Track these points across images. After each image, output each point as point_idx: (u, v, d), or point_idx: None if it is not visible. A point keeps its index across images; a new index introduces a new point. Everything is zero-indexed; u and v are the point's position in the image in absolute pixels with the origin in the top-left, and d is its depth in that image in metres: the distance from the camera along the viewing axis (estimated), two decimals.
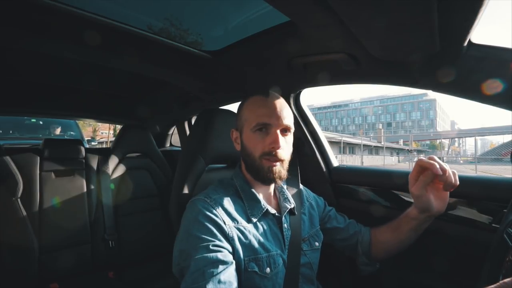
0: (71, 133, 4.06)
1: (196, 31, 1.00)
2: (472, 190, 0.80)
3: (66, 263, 1.38)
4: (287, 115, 0.69)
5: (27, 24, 0.79)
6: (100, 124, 18.90)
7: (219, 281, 0.54)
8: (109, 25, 0.82)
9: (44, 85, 1.55)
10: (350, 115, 76.71)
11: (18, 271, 1.25)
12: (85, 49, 0.97)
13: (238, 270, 0.60)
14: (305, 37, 0.80)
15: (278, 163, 0.67)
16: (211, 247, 0.58)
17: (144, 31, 0.89)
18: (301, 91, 1.18)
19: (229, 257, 0.59)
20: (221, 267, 0.56)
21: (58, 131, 3.91)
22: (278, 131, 0.67)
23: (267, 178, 0.67)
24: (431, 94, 56.27)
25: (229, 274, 0.56)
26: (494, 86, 0.65)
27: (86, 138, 5.01)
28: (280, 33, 0.86)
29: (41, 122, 3.94)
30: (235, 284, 0.57)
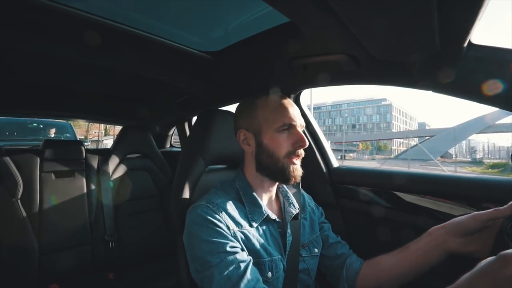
0: (67, 135, 4.49)
1: (196, 31, 1.00)
2: (472, 191, 0.80)
3: (66, 264, 1.38)
4: (301, 115, 0.73)
5: (28, 25, 0.79)
6: (91, 124, 19.13)
7: (248, 280, 0.56)
8: (109, 26, 0.82)
9: (45, 86, 1.55)
10: (321, 117, 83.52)
11: (18, 272, 1.25)
12: (85, 50, 0.97)
13: None
14: (305, 38, 0.80)
15: (298, 161, 0.70)
16: (227, 249, 0.59)
17: (144, 32, 0.89)
18: (301, 92, 1.19)
19: (245, 255, 0.61)
20: (243, 266, 0.57)
21: (52, 132, 4.38)
22: (300, 130, 0.70)
23: (292, 177, 0.69)
24: (388, 99, 64.89)
25: (253, 270, 0.58)
26: (494, 86, 0.65)
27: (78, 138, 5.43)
28: (280, 34, 0.86)
29: (41, 126, 4.37)
30: (260, 277, 0.59)
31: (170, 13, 0.91)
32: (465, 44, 0.63)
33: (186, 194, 0.77)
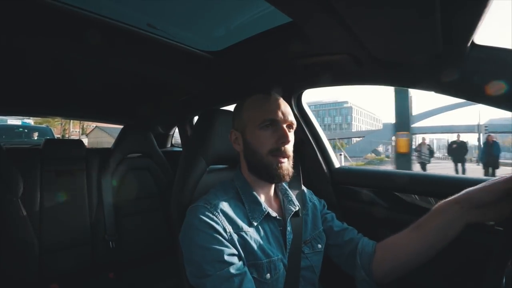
0: (47, 137, 5.12)
1: (198, 31, 1.00)
2: None
3: (66, 263, 1.38)
4: (290, 112, 0.71)
5: (30, 24, 0.79)
6: (72, 122, 21.36)
7: None
8: (110, 25, 0.82)
9: (46, 86, 1.55)
10: None
11: (18, 271, 1.25)
12: (86, 49, 0.97)
13: None
14: (307, 38, 0.79)
15: (285, 159, 0.67)
16: (223, 258, 0.58)
17: (145, 31, 0.89)
18: (302, 92, 1.18)
19: (240, 265, 0.60)
20: (237, 281, 0.56)
21: (35, 135, 5.34)
22: (285, 126, 0.68)
23: (276, 175, 0.67)
24: (350, 102, 70.76)
25: (246, 285, 0.57)
26: (497, 87, 0.65)
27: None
28: (282, 34, 0.86)
29: (26, 130, 5.51)
30: None
31: (171, 12, 0.91)
32: (468, 45, 0.63)
33: (187, 194, 0.77)
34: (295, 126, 0.72)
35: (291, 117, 0.70)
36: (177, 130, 2.19)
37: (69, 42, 0.90)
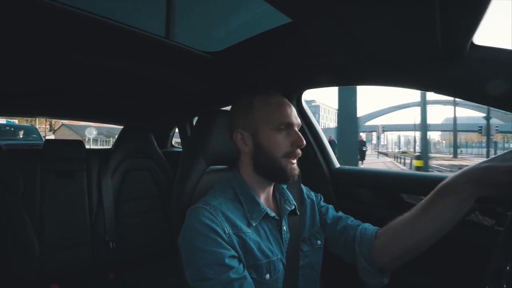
0: (33, 135, 5.88)
1: (198, 31, 1.00)
2: None
3: (66, 264, 1.38)
4: (296, 114, 0.73)
5: (27, 25, 0.79)
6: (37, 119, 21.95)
7: None
8: (109, 26, 0.81)
9: (46, 86, 1.55)
10: None
11: (18, 272, 1.25)
12: (85, 50, 0.97)
13: None
14: (307, 38, 0.79)
15: (295, 161, 0.70)
16: (224, 261, 0.58)
17: (145, 32, 0.89)
18: (302, 92, 1.18)
19: (240, 268, 0.60)
20: (237, 285, 0.57)
21: (21, 133, 5.72)
22: (296, 129, 0.70)
23: (290, 177, 0.68)
24: (317, 101, 73.01)
25: None
26: (497, 88, 0.65)
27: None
28: (282, 34, 0.86)
29: (12, 129, 5.90)
30: None
31: (171, 13, 0.91)
32: (468, 45, 0.63)
33: (187, 194, 0.77)
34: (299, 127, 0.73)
35: (299, 120, 0.72)
36: (177, 130, 2.20)
37: (68, 42, 0.90)
